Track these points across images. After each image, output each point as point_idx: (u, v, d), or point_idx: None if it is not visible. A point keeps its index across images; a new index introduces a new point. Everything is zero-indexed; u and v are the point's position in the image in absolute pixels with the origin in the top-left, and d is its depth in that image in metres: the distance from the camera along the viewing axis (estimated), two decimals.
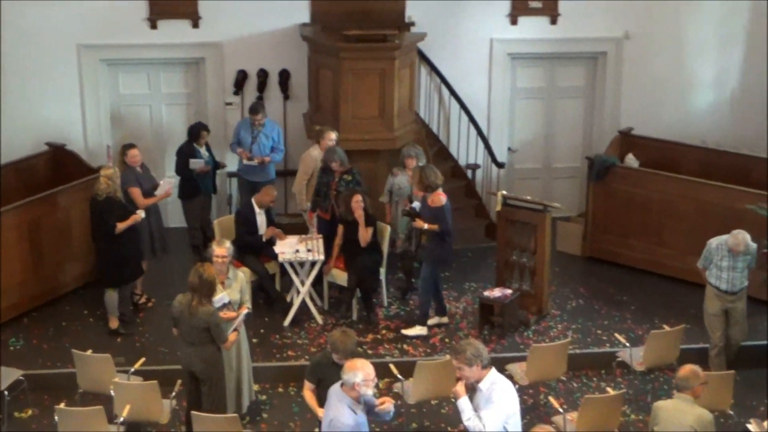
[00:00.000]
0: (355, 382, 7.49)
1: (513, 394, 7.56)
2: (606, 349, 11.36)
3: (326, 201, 12.15)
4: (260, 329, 11.66)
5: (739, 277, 10.55)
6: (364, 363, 7.61)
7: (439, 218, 11.10)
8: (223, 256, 9.75)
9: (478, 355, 7.50)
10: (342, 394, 7.55)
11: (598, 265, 13.46)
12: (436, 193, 11.16)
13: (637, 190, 13.11)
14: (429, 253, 11.29)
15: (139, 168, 11.91)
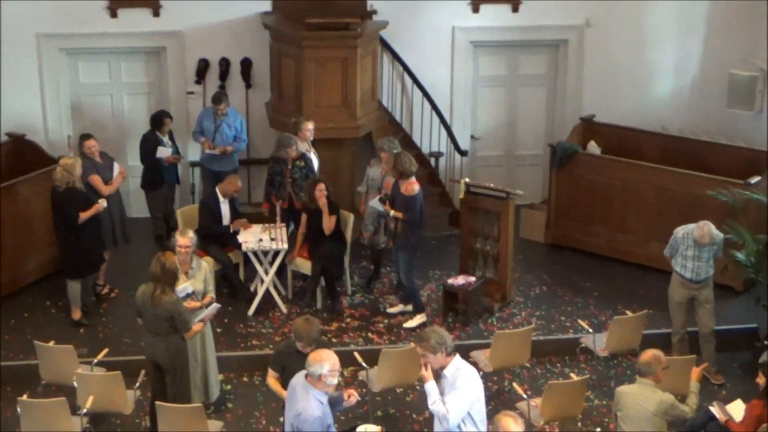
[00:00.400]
0: (322, 374, 7.48)
1: (477, 381, 7.58)
2: (569, 335, 11.41)
3: (282, 190, 12.14)
4: (224, 319, 11.61)
5: (704, 267, 10.56)
6: (329, 353, 7.60)
7: (409, 207, 11.10)
8: (186, 245, 9.70)
9: (442, 342, 7.51)
10: (308, 386, 7.53)
11: (561, 252, 13.51)
12: (410, 182, 11.16)
13: (599, 177, 13.16)
14: (404, 242, 11.29)
15: (98, 158, 11.84)
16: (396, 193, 11.26)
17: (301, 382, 7.60)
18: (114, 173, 11.89)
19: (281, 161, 12.12)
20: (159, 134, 12.67)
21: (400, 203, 11.15)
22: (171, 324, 9.13)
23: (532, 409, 9.38)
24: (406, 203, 11.13)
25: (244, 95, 13.91)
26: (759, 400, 8.74)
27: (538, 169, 14.83)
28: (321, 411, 7.48)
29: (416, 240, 11.28)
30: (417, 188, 11.18)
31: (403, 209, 11.13)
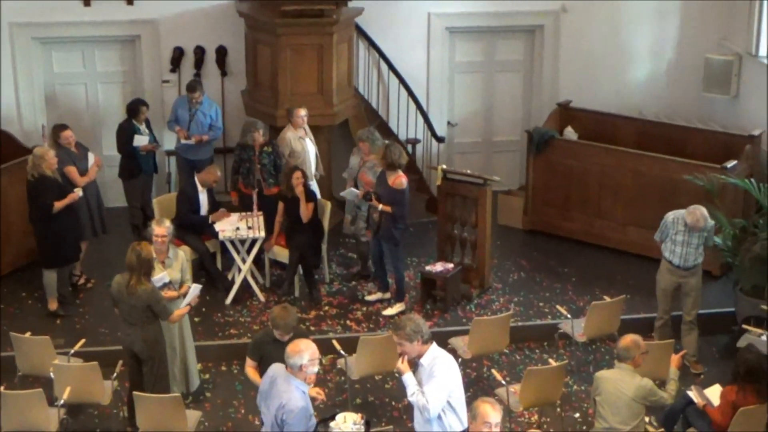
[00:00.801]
0: (302, 364, 7.45)
1: (455, 369, 7.57)
2: (548, 321, 11.43)
3: (251, 177, 12.11)
4: (202, 308, 11.57)
5: (693, 253, 10.40)
6: (308, 343, 7.58)
7: (397, 201, 11.06)
8: (162, 235, 9.66)
9: (418, 330, 7.48)
10: (289, 376, 7.49)
11: (539, 238, 13.52)
12: (398, 174, 11.11)
13: (576, 162, 13.16)
14: (389, 234, 11.27)
15: (74, 148, 11.76)
16: (382, 184, 11.20)
17: (281, 373, 7.57)
18: (89, 163, 11.82)
19: (248, 148, 12.09)
20: (135, 123, 12.59)
21: (387, 196, 11.09)
22: (147, 314, 9.09)
23: (511, 396, 9.38)
24: (393, 196, 11.08)
25: (220, 83, 13.84)
26: (732, 386, 8.77)
27: (516, 155, 14.82)
28: (305, 401, 7.46)
29: (400, 232, 11.26)
30: (405, 181, 11.15)
31: (390, 202, 11.07)
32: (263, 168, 12.12)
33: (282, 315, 8.38)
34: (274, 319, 8.39)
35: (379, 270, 11.70)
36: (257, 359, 8.60)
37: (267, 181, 12.18)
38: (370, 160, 11.67)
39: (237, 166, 12.25)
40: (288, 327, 8.36)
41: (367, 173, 11.67)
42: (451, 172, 12.13)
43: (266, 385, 7.70)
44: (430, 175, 14.07)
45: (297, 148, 12.20)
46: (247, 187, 12.14)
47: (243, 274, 11.74)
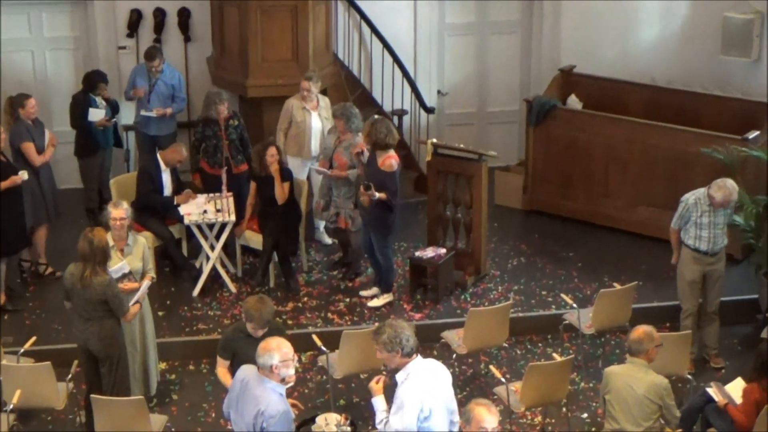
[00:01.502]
0: (273, 365, 7.41)
1: (427, 390, 7.35)
2: (551, 311, 11.44)
3: (218, 155, 12.08)
4: (166, 300, 11.55)
5: (720, 235, 10.26)
6: (280, 341, 7.53)
7: (387, 185, 11.01)
8: (121, 218, 9.61)
9: (397, 341, 7.34)
10: (262, 378, 7.45)
11: (541, 219, 13.53)
12: (388, 155, 11.06)
13: (581, 134, 13.17)
14: (378, 222, 11.23)
15: (31, 122, 11.69)
16: (371, 167, 11.15)
17: (253, 375, 7.52)
18: (45, 141, 11.74)
19: (212, 122, 12.07)
20: (92, 95, 12.53)
21: (375, 179, 11.04)
22: (104, 308, 9.04)
23: (512, 394, 9.39)
24: (383, 181, 11.02)
25: (183, 50, 13.78)
26: (755, 383, 8.77)
27: (513, 127, 14.83)
28: (284, 404, 7.43)
29: (392, 220, 11.23)
30: (396, 163, 11.09)
31: (378, 187, 11.03)
32: (231, 144, 12.09)
33: (256, 307, 8.35)
34: (248, 311, 8.37)
35: (374, 262, 11.66)
36: (229, 358, 8.56)
37: (235, 158, 12.13)
38: (347, 139, 11.61)
39: (198, 144, 12.22)
40: (263, 321, 8.33)
41: (343, 154, 11.60)
42: (442, 146, 12.10)
43: (236, 390, 7.64)
44: (418, 150, 14.06)
45: (297, 117, 12.18)
46: (213, 166, 12.11)
47: (212, 262, 11.71)
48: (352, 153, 11.49)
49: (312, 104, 12.19)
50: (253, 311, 8.34)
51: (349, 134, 11.58)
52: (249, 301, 8.45)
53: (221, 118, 12.03)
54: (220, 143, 12.08)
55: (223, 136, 12.06)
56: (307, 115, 12.19)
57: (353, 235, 11.91)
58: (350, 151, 11.50)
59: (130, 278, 9.55)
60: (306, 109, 12.17)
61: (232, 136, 12.10)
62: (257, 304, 8.38)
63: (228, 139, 12.09)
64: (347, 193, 11.67)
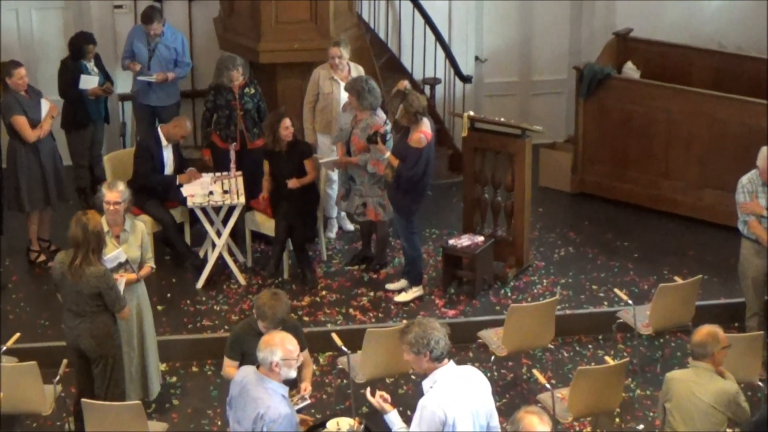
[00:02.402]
0: (273, 362, 7.42)
1: (453, 400, 7.30)
2: (603, 308, 11.44)
3: (231, 127, 12.12)
4: (167, 294, 11.60)
5: None
6: (284, 337, 7.54)
7: (407, 158, 11.00)
8: (116, 201, 9.63)
9: (424, 342, 7.25)
10: (264, 379, 7.47)
11: (592, 203, 13.53)
12: (420, 129, 11.04)
13: (638, 107, 13.14)
14: (398, 203, 11.26)
15: (24, 92, 11.74)
16: (402, 142, 11.15)
17: (252, 376, 7.55)
18: (42, 112, 11.76)
19: (225, 90, 12.10)
20: (83, 60, 12.57)
21: (400, 152, 11.06)
22: (97, 302, 9.07)
23: (558, 402, 9.38)
24: (405, 152, 11.02)
25: (187, 9, 13.81)
26: None
27: (561, 98, 14.86)
28: (288, 407, 7.45)
29: (409, 202, 11.23)
30: (425, 140, 11.05)
31: (400, 158, 11.04)
32: (246, 115, 12.09)
33: (270, 304, 8.36)
34: (260, 307, 8.38)
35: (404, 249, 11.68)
36: (237, 358, 8.58)
37: (251, 131, 12.15)
38: (363, 119, 11.57)
39: (210, 116, 12.22)
40: (276, 319, 8.33)
41: (360, 136, 11.55)
42: (480, 120, 12.09)
43: (235, 390, 7.68)
44: (453, 124, 14.06)
45: (324, 89, 12.17)
46: (225, 140, 12.13)
47: (218, 250, 11.75)
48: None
49: (342, 74, 12.14)
50: (266, 308, 8.34)
51: (366, 112, 11.53)
52: (261, 297, 8.45)
53: (235, 85, 12.03)
54: (234, 114, 12.10)
55: (237, 106, 12.08)
56: (335, 87, 12.16)
57: (379, 225, 11.92)
58: (367, 133, 11.46)
59: (127, 268, 9.57)
60: (334, 79, 12.14)
61: (247, 106, 12.12)
62: (270, 301, 8.38)
63: (243, 110, 12.10)
64: (371, 179, 11.63)
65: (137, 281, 9.68)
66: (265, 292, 8.54)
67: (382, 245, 12.10)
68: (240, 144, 12.11)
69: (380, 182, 11.53)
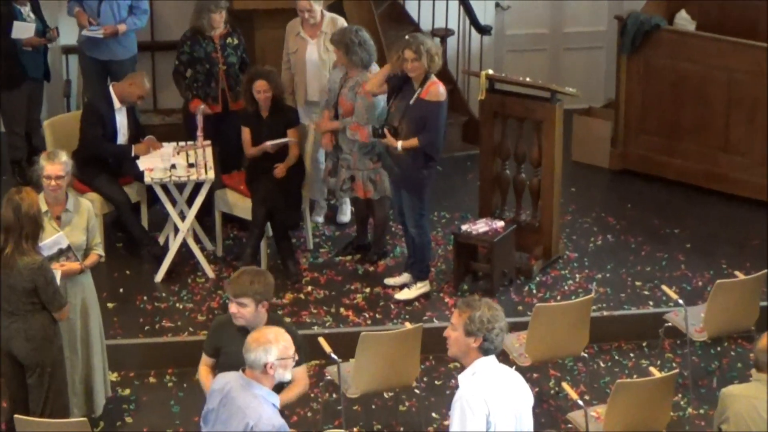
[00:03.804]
0: (268, 363, 7.41)
1: (495, 395, 7.40)
2: (648, 309, 11.46)
3: (212, 84, 12.15)
4: (119, 288, 11.63)
5: None
6: (278, 333, 7.52)
7: (430, 121, 10.97)
8: (58, 176, 9.62)
9: (489, 327, 7.29)
10: (252, 384, 7.46)
11: (636, 182, 13.59)
12: (432, 80, 11.02)
13: (693, 65, 13.18)
14: (410, 176, 11.20)
15: None
16: (404, 101, 11.08)
17: (237, 382, 7.54)
18: None
19: (204, 40, 12.11)
20: (16, 5, 12.55)
21: (416, 116, 11.03)
22: (33, 298, 9.08)
23: (593, 422, 9.39)
24: (425, 117, 10.96)
25: None
26: None
27: (599, 54, 14.96)
28: (279, 417, 7.44)
29: (428, 173, 11.20)
30: (444, 92, 11.03)
31: (417, 127, 11.00)
32: (229, 70, 12.12)
33: (248, 280, 8.26)
34: (238, 286, 8.26)
35: (407, 235, 11.63)
36: (211, 353, 8.52)
37: (233, 89, 12.19)
38: (354, 77, 11.57)
39: (184, 70, 12.28)
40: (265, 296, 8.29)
41: (348, 97, 11.58)
42: (501, 80, 12.08)
43: (214, 402, 7.66)
44: (468, 85, 14.10)
45: (291, 47, 12.26)
46: (205, 101, 12.16)
47: (181, 236, 11.76)
48: (360, 95, 11.45)
49: (311, 30, 12.18)
50: (245, 287, 8.25)
51: (357, 70, 11.55)
52: (240, 277, 8.33)
53: (216, 34, 12.06)
54: (215, 69, 12.12)
55: (219, 60, 12.10)
56: (301, 45, 12.20)
57: (377, 206, 11.91)
58: (357, 92, 11.47)
59: (69, 256, 9.55)
60: (301, 36, 12.18)
61: (230, 59, 12.15)
62: (249, 278, 8.27)
63: (225, 64, 12.13)
64: (362, 148, 11.65)
65: (82, 272, 9.64)
66: (247, 268, 8.45)
67: (381, 231, 12.10)
68: (222, 105, 12.15)
69: (372, 152, 11.52)
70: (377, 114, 11.38)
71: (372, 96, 11.36)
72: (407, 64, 10.88)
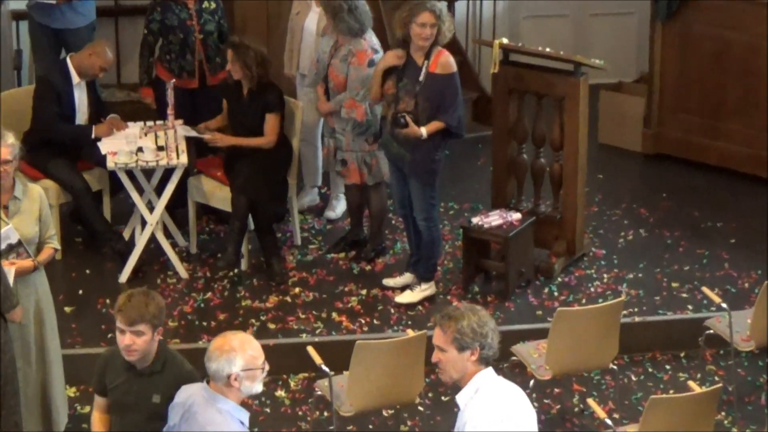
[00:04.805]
0: (232, 374, 7.42)
1: (508, 413, 7.42)
2: (687, 314, 11.47)
3: (187, 56, 12.19)
4: (77, 290, 11.65)
5: None
6: (244, 339, 7.53)
7: (449, 96, 11.01)
8: (5, 160, 9.60)
9: (481, 334, 7.31)
10: (216, 398, 7.49)
11: (672, 168, 13.65)
12: (439, 51, 11.04)
13: (739, 34, 13.22)
14: (420, 163, 11.20)
15: None
16: (410, 77, 11.08)
17: (200, 395, 7.57)
18: None
19: (176, 5, 12.18)
20: None
21: (431, 92, 11.03)
22: None
23: None
24: (441, 93, 10.98)
25: None
26: None
27: (630, 21, 15.04)
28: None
29: (440, 156, 11.21)
30: (453, 61, 11.07)
31: (433, 105, 10.97)
32: (206, 39, 12.16)
33: (150, 301, 8.16)
34: (126, 310, 8.10)
35: (413, 230, 11.66)
36: (102, 390, 8.34)
37: (212, 62, 12.23)
38: (346, 45, 11.61)
39: (154, 40, 12.31)
40: (131, 319, 8.14)
41: (339, 68, 11.62)
42: (518, 50, 12.10)
43: (176, 417, 7.70)
44: (479, 55, 14.16)
45: (294, 6, 12.38)
46: (179, 74, 12.21)
47: (149, 230, 11.76)
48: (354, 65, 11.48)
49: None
50: (132, 310, 8.11)
51: (347, 38, 11.59)
52: (123, 300, 8.17)
53: None
54: (191, 38, 12.15)
55: (195, 27, 12.14)
56: (303, 9, 12.33)
57: (373, 193, 11.92)
58: (350, 63, 11.51)
59: (20, 252, 9.54)
60: None
61: (208, 27, 12.18)
62: (132, 301, 8.14)
63: (202, 32, 12.16)
64: (357, 128, 11.68)
65: (35, 270, 9.63)
66: (137, 292, 8.22)
67: (378, 223, 12.12)
68: (199, 79, 12.19)
69: (368, 133, 11.56)
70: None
71: (367, 68, 11.36)
72: (424, 30, 10.88)
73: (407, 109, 10.95)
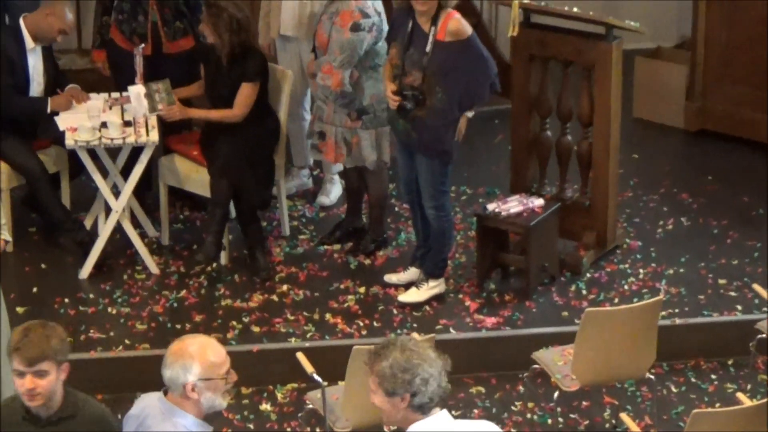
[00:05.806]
0: (187, 384, 7.38)
1: None
2: (735, 316, 11.47)
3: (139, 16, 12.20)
4: (31, 287, 11.67)
5: None
6: (205, 344, 7.47)
7: (470, 62, 11.00)
8: None
9: (405, 377, 6.98)
10: (173, 411, 7.46)
11: (718, 147, 13.69)
12: (449, 14, 11.02)
13: None
14: (433, 140, 11.20)
15: None
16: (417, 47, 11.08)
17: (156, 407, 7.55)
18: None
19: None
20: None
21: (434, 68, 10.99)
22: None
23: None
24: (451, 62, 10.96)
25: None
26: None
27: None
28: None
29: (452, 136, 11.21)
30: (466, 23, 11.05)
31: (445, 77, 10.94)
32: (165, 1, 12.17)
33: (50, 332, 8.04)
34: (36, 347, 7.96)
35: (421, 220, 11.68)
36: None
37: (170, 25, 12.22)
38: (336, 2, 11.63)
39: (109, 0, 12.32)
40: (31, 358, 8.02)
41: (325, 26, 11.66)
42: (540, 10, 12.09)
43: (130, 430, 7.70)
44: (495, 17, 14.19)
45: None
46: (130, 38, 12.22)
47: (114, 218, 11.76)
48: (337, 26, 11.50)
49: None
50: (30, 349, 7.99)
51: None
52: (16, 335, 8.03)
53: None
54: None
55: None
56: None
57: (371, 176, 11.94)
58: (333, 22, 11.53)
59: None
60: None
61: None
62: (37, 333, 8.00)
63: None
64: (340, 99, 11.68)
65: None
66: (35, 324, 8.06)
67: (379, 210, 12.13)
68: (153, 45, 12.17)
69: (352, 106, 11.57)
70: (357, 58, 11.35)
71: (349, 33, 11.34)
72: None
73: (414, 83, 10.91)
